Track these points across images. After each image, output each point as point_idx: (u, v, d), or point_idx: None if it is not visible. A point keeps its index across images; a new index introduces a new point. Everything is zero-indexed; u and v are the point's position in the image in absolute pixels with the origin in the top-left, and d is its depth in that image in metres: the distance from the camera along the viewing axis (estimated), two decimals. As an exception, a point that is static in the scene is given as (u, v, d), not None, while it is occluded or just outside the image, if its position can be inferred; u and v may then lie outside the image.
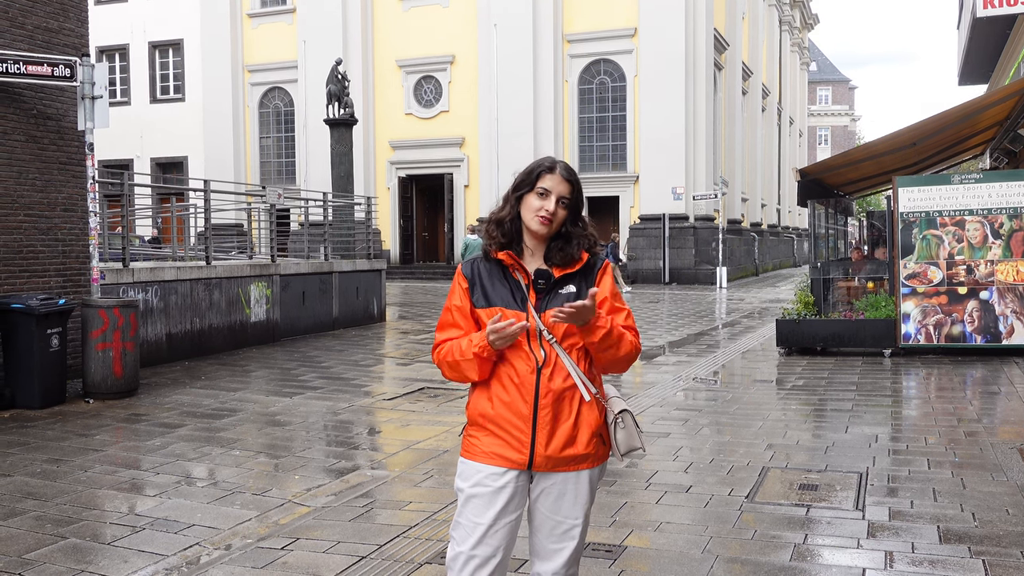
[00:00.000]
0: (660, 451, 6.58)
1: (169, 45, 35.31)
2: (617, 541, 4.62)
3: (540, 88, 31.31)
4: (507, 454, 2.65)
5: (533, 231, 2.69)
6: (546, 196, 2.66)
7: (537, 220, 2.66)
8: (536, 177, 2.68)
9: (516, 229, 2.72)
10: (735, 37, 35.51)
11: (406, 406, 8.71)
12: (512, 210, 2.72)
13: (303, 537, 4.76)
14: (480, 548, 2.63)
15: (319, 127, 28.29)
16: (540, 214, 2.65)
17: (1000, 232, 11.02)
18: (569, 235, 2.71)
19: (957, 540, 4.57)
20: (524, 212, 2.69)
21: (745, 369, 11.07)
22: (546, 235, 2.69)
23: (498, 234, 2.71)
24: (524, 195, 2.69)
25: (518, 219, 2.71)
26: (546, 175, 2.67)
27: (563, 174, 2.68)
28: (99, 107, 9.25)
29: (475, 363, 2.64)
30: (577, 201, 2.72)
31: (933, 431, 7.18)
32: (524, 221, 2.70)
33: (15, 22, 9.08)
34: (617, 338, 2.64)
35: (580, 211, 2.75)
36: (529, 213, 2.67)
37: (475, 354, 2.62)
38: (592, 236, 2.75)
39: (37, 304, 8.49)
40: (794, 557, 4.39)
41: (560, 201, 2.67)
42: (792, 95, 51.66)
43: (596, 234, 2.78)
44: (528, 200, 2.68)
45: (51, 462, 6.47)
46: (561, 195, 2.67)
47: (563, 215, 2.69)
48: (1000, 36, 17.29)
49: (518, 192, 2.71)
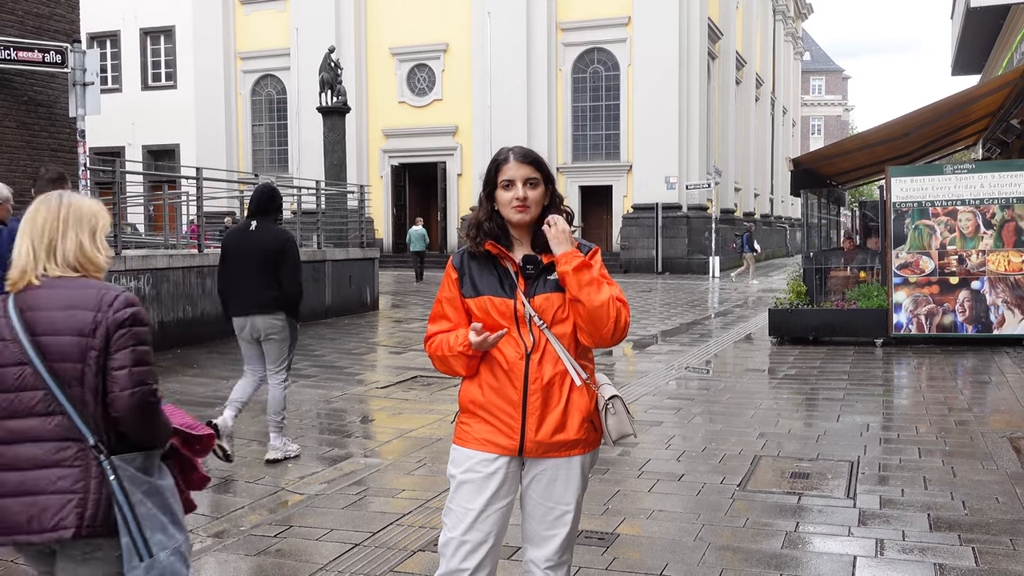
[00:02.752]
0: (652, 440, 6.60)
1: (160, 32, 35.10)
2: (609, 529, 4.64)
3: (534, 77, 31.24)
4: (498, 440, 2.66)
5: (515, 222, 2.69)
6: (511, 186, 2.66)
7: (513, 211, 2.66)
8: (496, 172, 2.70)
9: (500, 225, 2.73)
10: (729, 26, 35.47)
11: (399, 394, 8.71)
12: (487, 210, 2.73)
13: (296, 525, 4.76)
14: (471, 534, 2.64)
15: (312, 115, 28.20)
16: (513, 204, 2.66)
17: (992, 222, 11.05)
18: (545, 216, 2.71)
19: (947, 528, 4.60)
20: (501, 209, 2.70)
21: (737, 358, 11.09)
22: (529, 222, 2.70)
23: (477, 235, 2.72)
24: (493, 193, 2.71)
25: (499, 216, 2.72)
26: (504, 166, 2.68)
27: (519, 159, 2.68)
28: (90, 94, 9.21)
29: (462, 360, 2.67)
30: (547, 177, 2.72)
31: (924, 420, 7.21)
32: (504, 217, 2.70)
33: (5, 7, 9.01)
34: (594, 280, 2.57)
35: (554, 186, 2.75)
36: (505, 208, 2.68)
37: (460, 352, 2.64)
38: (567, 211, 2.76)
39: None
40: (786, 545, 4.41)
41: (528, 183, 2.66)
42: (786, 85, 51.66)
43: (572, 211, 2.80)
44: (498, 196, 2.69)
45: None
46: (526, 177, 2.66)
47: (537, 195, 2.68)
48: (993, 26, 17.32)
49: (487, 191, 2.73)
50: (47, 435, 2.29)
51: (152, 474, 2.37)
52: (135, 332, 2.32)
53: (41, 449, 2.28)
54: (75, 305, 2.30)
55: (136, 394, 2.28)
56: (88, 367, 2.28)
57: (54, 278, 2.34)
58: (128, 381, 2.28)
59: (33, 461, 2.28)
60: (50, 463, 2.28)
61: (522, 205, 2.65)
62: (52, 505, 2.25)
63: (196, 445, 2.58)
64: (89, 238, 2.39)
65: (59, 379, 2.27)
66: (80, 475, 2.27)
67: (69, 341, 2.28)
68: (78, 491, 2.26)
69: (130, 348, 2.30)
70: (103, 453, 2.28)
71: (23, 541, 2.30)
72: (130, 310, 2.32)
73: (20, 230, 2.40)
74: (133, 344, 2.31)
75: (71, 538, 2.25)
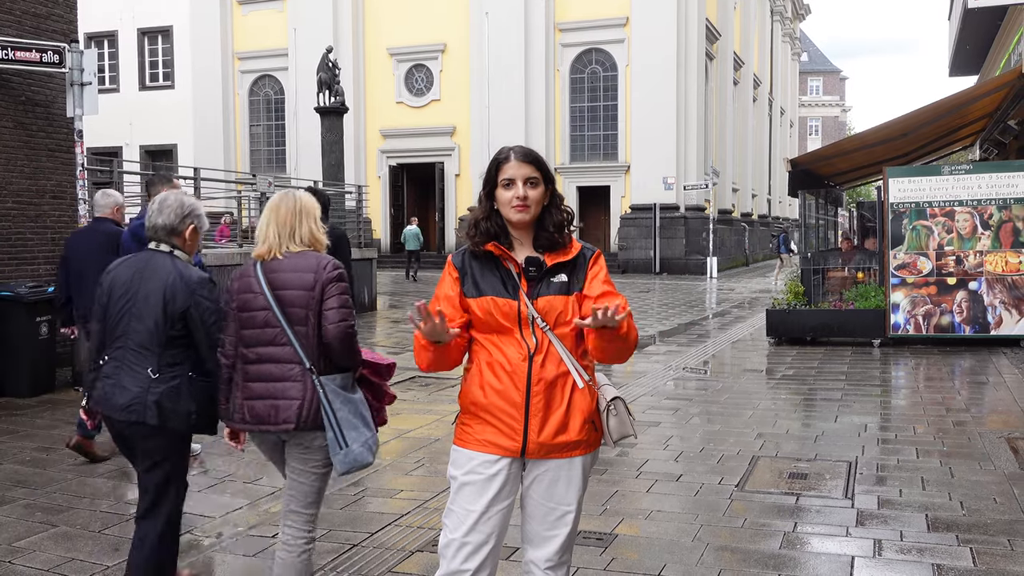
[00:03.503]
0: (651, 440, 6.60)
1: (158, 32, 35.06)
2: (608, 529, 4.64)
3: (532, 77, 31.24)
4: (500, 442, 2.65)
5: (515, 222, 2.67)
6: (512, 185, 2.65)
7: (513, 210, 2.65)
8: (496, 171, 2.68)
9: (499, 224, 2.71)
10: (727, 27, 35.48)
11: (397, 394, 8.70)
12: (487, 209, 2.72)
13: None
14: (473, 535, 2.64)
15: (310, 115, 28.17)
16: (513, 204, 2.64)
17: (989, 223, 11.06)
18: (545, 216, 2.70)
19: (945, 528, 4.61)
20: (501, 208, 2.68)
21: (735, 359, 11.10)
22: (529, 221, 2.68)
23: (476, 235, 2.71)
24: (493, 192, 2.69)
25: (499, 215, 2.70)
26: (504, 165, 2.67)
27: (520, 158, 2.67)
28: (88, 94, 9.19)
29: (416, 348, 2.65)
30: (547, 177, 2.71)
31: (922, 420, 7.22)
32: (504, 216, 2.69)
33: (3, 7, 9.00)
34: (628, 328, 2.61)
35: (554, 186, 2.74)
36: (505, 207, 2.66)
37: (415, 338, 2.63)
38: (567, 211, 2.74)
39: (26, 292, 8.45)
40: (784, 545, 4.42)
41: (528, 182, 2.65)
42: (783, 85, 51.69)
43: (572, 210, 2.78)
44: (498, 195, 2.68)
45: (41, 450, 6.45)
46: (526, 176, 2.65)
47: (538, 195, 2.67)
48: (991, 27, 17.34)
49: (487, 189, 2.72)
50: (281, 358, 3.21)
51: (348, 389, 3.27)
52: (340, 286, 3.22)
53: (277, 368, 3.21)
54: (302, 269, 3.21)
55: (340, 326, 3.18)
56: (310, 311, 3.19)
57: (293, 253, 3.24)
58: (336, 316, 3.18)
59: (272, 376, 3.21)
60: (282, 378, 3.20)
61: (522, 204, 2.64)
62: (283, 407, 3.17)
63: (382, 373, 3.50)
64: (314, 224, 3.31)
65: (289, 320, 3.19)
66: (300, 388, 3.18)
67: (297, 294, 3.19)
68: (299, 398, 3.16)
69: (336, 296, 3.21)
70: (315, 374, 3.19)
71: (264, 430, 3.23)
72: (337, 271, 3.23)
73: (266, 219, 3.28)
74: (338, 293, 3.21)
75: (293, 430, 3.18)
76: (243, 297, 3.26)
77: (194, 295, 3.39)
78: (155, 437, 3.39)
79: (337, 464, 3.20)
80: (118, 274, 3.52)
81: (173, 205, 3.53)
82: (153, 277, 3.42)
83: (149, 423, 3.35)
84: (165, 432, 3.38)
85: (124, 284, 3.46)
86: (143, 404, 3.34)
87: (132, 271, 3.48)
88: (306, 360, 3.19)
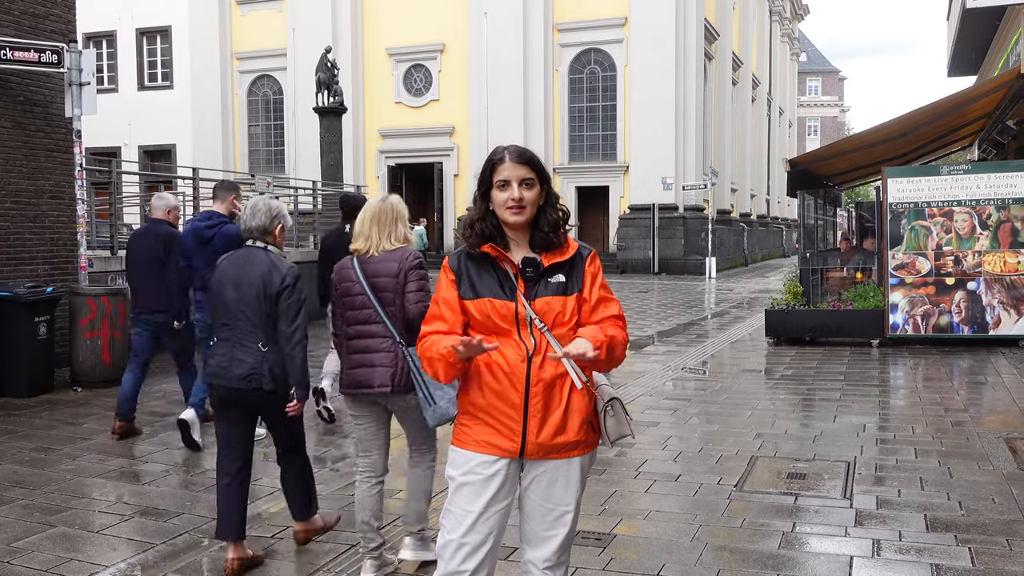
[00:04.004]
0: (649, 440, 6.60)
1: (157, 32, 35.02)
2: (606, 529, 4.64)
3: (530, 77, 31.23)
4: (498, 442, 2.65)
5: (511, 223, 2.66)
6: (507, 186, 2.63)
7: (509, 212, 2.64)
8: (491, 171, 2.67)
9: (495, 225, 2.70)
10: (725, 27, 35.49)
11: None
12: (482, 210, 2.70)
13: (293, 525, 4.75)
14: (471, 536, 2.64)
15: (308, 115, 28.17)
16: (508, 205, 2.63)
17: (988, 223, 11.07)
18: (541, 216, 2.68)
19: (944, 528, 4.61)
20: (497, 210, 2.67)
21: (734, 359, 11.10)
22: (524, 222, 2.67)
23: (472, 235, 2.70)
24: (488, 192, 2.68)
25: (494, 216, 2.69)
26: (499, 166, 2.66)
27: (515, 159, 2.65)
28: (87, 94, 9.18)
29: (442, 364, 2.63)
30: (543, 177, 2.69)
31: (920, 420, 7.22)
32: (500, 218, 2.67)
33: (2, 7, 8.99)
34: (609, 349, 2.62)
35: (549, 185, 2.72)
36: (500, 209, 2.65)
37: (442, 355, 2.61)
38: (562, 210, 2.73)
39: (25, 292, 8.44)
40: (782, 545, 4.42)
41: (524, 183, 2.64)
42: (782, 86, 51.71)
43: (568, 209, 2.76)
44: (494, 196, 2.66)
45: (39, 451, 6.45)
46: (521, 177, 2.64)
47: (533, 195, 2.66)
48: (989, 27, 17.35)
49: (481, 190, 2.70)
50: (376, 333, 3.96)
51: None
52: (419, 272, 3.99)
53: (373, 341, 3.96)
54: (390, 260, 3.97)
55: (418, 305, 3.88)
56: (397, 295, 3.94)
57: (387, 250, 3.99)
58: (414, 298, 3.92)
59: (369, 348, 3.96)
60: (377, 350, 3.95)
61: (518, 206, 2.63)
62: (379, 373, 3.93)
63: None
64: (404, 225, 4.06)
65: (381, 302, 3.95)
66: (392, 358, 3.93)
67: (387, 281, 3.95)
68: (391, 366, 3.92)
69: (415, 281, 3.96)
70: (402, 344, 3.92)
71: (363, 393, 3.99)
72: (416, 260, 4.00)
73: (367, 222, 4.01)
74: (417, 279, 3.96)
75: (389, 393, 3.93)
76: (344, 286, 4.06)
77: (283, 281, 4.09)
78: (271, 398, 4.12)
79: (428, 418, 3.83)
80: (224, 268, 4.22)
81: (263, 209, 4.21)
82: (253, 268, 4.13)
83: (266, 388, 4.07)
84: (277, 395, 4.10)
85: (230, 275, 4.16)
86: (259, 373, 4.07)
87: (236, 265, 4.18)
88: (395, 334, 3.94)
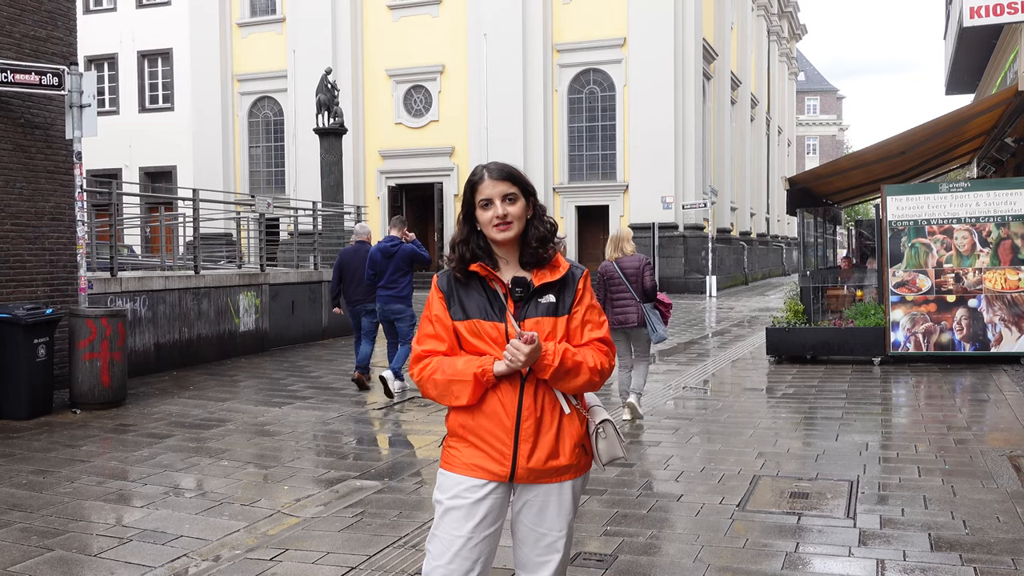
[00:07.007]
0: (651, 460, 6.57)
1: (158, 54, 35.22)
2: (608, 550, 4.60)
3: (530, 98, 31.35)
4: (488, 466, 2.58)
5: (499, 241, 2.62)
6: (490, 204, 2.61)
7: (495, 230, 2.60)
8: (472, 192, 2.64)
9: (483, 245, 2.66)
10: (724, 47, 35.67)
11: (396, 416, 8.68)
12: (465, 232, 2.66)
13: (292, 548, 4.72)
14: (457, 562, 2.56)
15: (309, 136, 28.27)
16: (494, 223, 2.60)
17: (988, 240, 11.07)
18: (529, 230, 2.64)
19: (948, 548, 4.57)
20: (484, 229, 2.63)
21: (735, 377, 11.07)
22: (513, 238, 2.63)
23: (456, 258, 2.66)
24: (472, 213, 2.65)
25: (482, 236, 2.65)
26: (479, 186, 2.63)
27: (495, 175, 2.62)
28: (87, 116, 9.21)
29: (470, 386, 2.53)
30: (526, 190, 2.65)
31: (923, 439, 7.19)
32: (488, 236, 2.64)
33: (2, 30, 9.03)
34: (571, 369, 2.54)
35: (535, 197, 2.68)
36: (487, 228, 2.62)
37: (475, 375, 2.53)
38: (550, 222, 2.69)
39: (24, 314, 8.43)
40: (786, 565, 4.38)
41: (506, 199, 2.60)
42: (780, 105, 51.89)
43: (555, 222, 2.72)
44: (479, 216, 2.63)
45: (37, 473, 6.41)
46: (503, 193, 2.60)
47: (518, 210, 2.62)
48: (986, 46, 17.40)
49: (465, 211, 2.67)
50: (628, 300, 7.98)
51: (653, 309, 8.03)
52: (650, 268, 8.08)
53: (626, 303, 7.98)
54: (634, 259, 8.06)
55: (650, 281, 8.01)
56: (639, 278, 7.96)
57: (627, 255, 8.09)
58: (649, 282, 7.99)
59: (625, 307, 7.98)
60: (630, 309, 7.97)
61: (503, 222, 2.59)
62: (630, 317, 7.96)
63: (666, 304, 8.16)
64: (630, 243, 8.20)
65: (629, 281, 7.96)
66: (636, 309, 7.95)
67: (633, 270, 7.99)
68: (636, 312, 7.95)
69: (649, 271, 8.06)
70: (640, 302, 7.96)
71: (622, 325, 7.97)
72: (647, 261, 8.07)
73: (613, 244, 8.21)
74: (649, 271, 8.06)
75: (634, 327, 8.01)
76: (609, 276, 7.98)
77: None
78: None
79: (654, 339, 8.03)
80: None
81: None
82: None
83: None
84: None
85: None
86: None
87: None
88: (638, 299, 7.92)
